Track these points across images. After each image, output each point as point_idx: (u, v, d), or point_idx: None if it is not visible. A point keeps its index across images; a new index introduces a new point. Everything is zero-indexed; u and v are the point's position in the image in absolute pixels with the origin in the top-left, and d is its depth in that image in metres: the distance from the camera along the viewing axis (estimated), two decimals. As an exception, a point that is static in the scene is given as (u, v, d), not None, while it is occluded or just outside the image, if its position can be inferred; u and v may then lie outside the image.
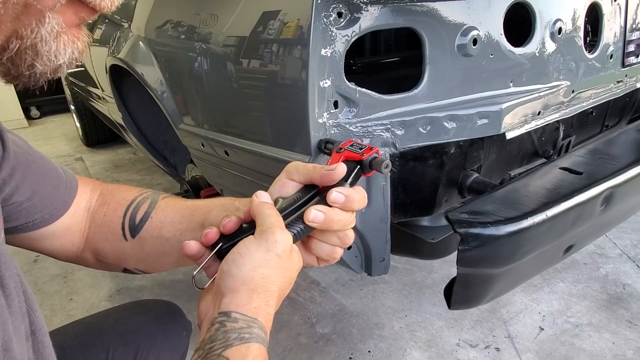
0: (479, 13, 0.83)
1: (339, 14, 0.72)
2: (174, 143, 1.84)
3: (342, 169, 0.53)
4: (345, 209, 0.52)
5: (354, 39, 0.74)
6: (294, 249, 0.51)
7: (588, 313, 1.56)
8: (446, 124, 0.84)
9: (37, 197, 0.59)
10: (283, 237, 0.48)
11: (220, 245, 0.51)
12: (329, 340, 1.50)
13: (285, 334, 1.53)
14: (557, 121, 1.08)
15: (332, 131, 0.77)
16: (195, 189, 1.66)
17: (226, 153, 1.01)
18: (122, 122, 1.90)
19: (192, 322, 0.85)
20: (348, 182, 0.54)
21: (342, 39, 0.73)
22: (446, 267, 1.83)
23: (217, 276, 0.48)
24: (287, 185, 0.56)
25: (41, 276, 1.96)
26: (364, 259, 0.94)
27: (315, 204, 0.52)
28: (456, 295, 0.83)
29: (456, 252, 0.76)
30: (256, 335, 0.45)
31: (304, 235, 0.52)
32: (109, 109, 2.07)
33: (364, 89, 0.78)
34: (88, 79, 2.25)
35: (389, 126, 0.81)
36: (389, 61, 1.59)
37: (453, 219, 0.75)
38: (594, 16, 1.08)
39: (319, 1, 0.69)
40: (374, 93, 0.79)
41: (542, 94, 0.96)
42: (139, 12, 1.35)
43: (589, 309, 1.58)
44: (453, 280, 0.82)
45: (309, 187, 0.55)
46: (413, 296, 1.69)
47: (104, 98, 2.07)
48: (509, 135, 0.92)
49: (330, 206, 0.52)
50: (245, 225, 0.52)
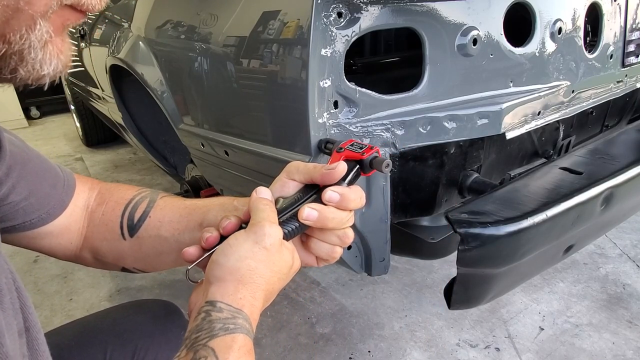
0: (479, 13, 0.83)
1: (339, 14, 0.72)
2: (174, 143, 1.84)
3: (342, 167, 0.53)
4: (340, 208, 0.52)
5: (354, 39, 0.74)
6: (286, 245, 0.51)
7: (588, 313, 1.56)
8: (446, 124, 0.84)
9: (34, 197, 0.59)
10: (272, 231, 0.49)
11: (218, 246, 0.51)
12: (329, 340, 1.50)
13: (285, 334, 1.53)
14: (557, 121, 1.08)
15: (332, 131, 0.77)
16: (195, 189, 1.66)
17: (226, 153, 1.01)
18: (122, 122, 1.90)
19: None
20: (346, 181, 0.54)
21: (342, 39, 0.73)
22: (446, 267, 1.83)
23: (207, 266, 0.49)
24: (287, 185, 0.56)
25: (41, 276, 1.96)
26: (364, 259, 0.94)
27: (311, 202, 0.52)
28: (456, 295, 0.83)
29: (456, 252, 0.76)
30: (241, 326, 0.45)
31: (298, 233, 0.53)
32: (109, 109, 2.07)
33: (364, 89, 0.78)
34: (88, 79, 2.25)
35: (389, 126, 0.81)
36: (389, 61, 1.59)
37: (453, 219, 0.75)
38: (594, 16, 1.08)
39: (319, 1, 0.69)
40: (374, 93, 0.79)
41: (542, 94, 0.96)
42: (139, 12, 1.35)
43: (589, 309, 1.58)
44: (453, 280, 0.82)
45: (309, 187, 0.55)
46: (413, 296, 1.69)
47: (104, 98, 2.07)
48: (509, 135, 0.92)
49: (325, 204, 0.52)
50: (244, 225, 0.52)
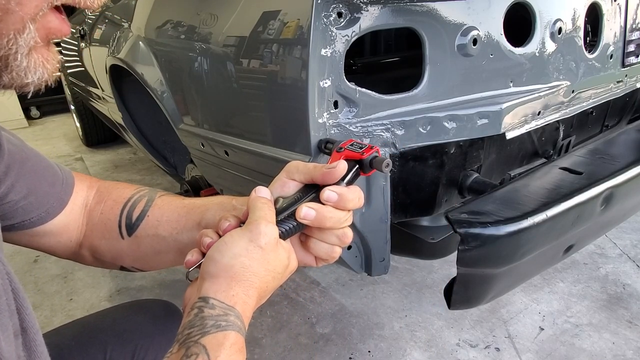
0: (479, 13, 0.83)
1: (339, 14, 0.72)
2: (174, 143, 1.84)
3: (343, 166, 0.53)
4: (338, 208, 0.52)
5: (354, 39, 0.74)
6: (283, 245, 0.51)
7: (588, 313, 1.56)
8: (446, 124, 0.84)
9: (33, 196, 0.59)
10: (267, 230, 0.49)
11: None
12: (329, 340, 1.50)
13: (285, 334, 1.53)
14: (557, 121, 1.08)
15: (332, 131, 0.77)
16: (195, 189, 1.66)
17: (226, 153, 1.01)
18: (122, 122, 1.90)
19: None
20: (345, 181, 0.54)
21: (342, 39, 0.73)
22: (446, 267, 1.83)
23: (202, 262, 0.50)
24: (287, 184, 0.55)
25: (41, 276, 1.96)
26: (364, 259, 0.94)
27: (309, 202, 0.52)
28: (456, 295, 0.83)
29: (456, 252, 0.76)
30: (232, 323, 0.45)
31: (295, 232, 0.53)
32: (109, 109, 2.07)
33: (364, 89, 0.78)
34: (88, 79, 2.25)
35: (389, 126, 0.81)
36: (389, 61, 1.59)
37: (453, 219, 0.75)
38: (594, 16, 1.08)
39: (319, 1, 0.69)
40: (374, 93, 0.79)
41: (542, 94, 0.96)
42: (139, 12, 1.35)
43: (589, 309, 1.58)
44: (453, 280, 0.82)
45: (309, 187, 0.55)
46: (413, 296, 1.69)
47: (104, 98, 2.07)
48: (509, 135, 0.92)
49: (323, 204, 0.52)
50: (243, 224, 0.52)
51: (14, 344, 0.40)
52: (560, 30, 0.96)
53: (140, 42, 1.29)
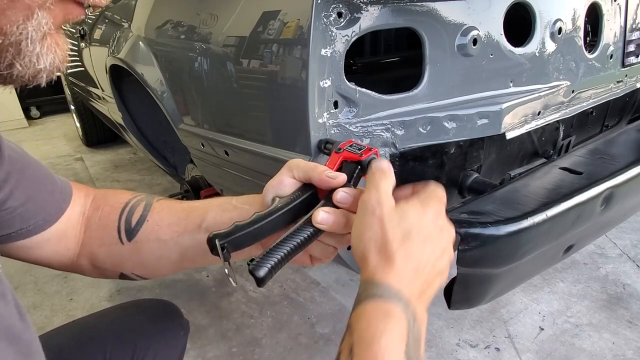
0: (479, 13, 0.83)
1: (339, 14, 0.72)
2: (174, 143, 1.84)
3: (342, 179, 0.52)
4: (351, 210, 0.51)
5: (354, 39, 0.74)
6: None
7: (588, 313, 1.56)
8: (446, 124, 0.84)
9: (31, 203, 0.58)
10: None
11: (214, 244, 0.49)
12: (329, 340, 1.50)
13: (285, 334, 1.53)
14: (557, 121, 1.08)
15: (332, 131, 0.77)
16: (195, 189, 1.66)
17: (226, 153, 1.01)
18: (122, 122, 1.90)
19: (189, 322, 0.85)
20: (351, 182, 0.54)
21: (342, 39, 0.73)
22: (446, 267, 1.83)
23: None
24: (283, 183, 0.55)
25: (41, 276, 1.96)
26: (364, 259, 0.93)
27: (322, 205, 0.51)
28: (456, 295, 0.83)
29: (456, 252, 0.76)
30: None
31: (314, 239, 0.51)
32: (109, 109, 2.07)
33: (364, 89, 0.78)
34: (88, 79, 2.25)
35: (389, 126, 0.81)
36: (389, 61, 1.59)
37: (453, 219, 0.75)
38: (594, 16, 1.08)
39: (319, 1, 0.69)
40: (374, 93, 0.79)
41: (542, 94, 0.96)
42: (139, 12, 1.35)
43: (589, 309, 1.58)
44: (453, 280, 0.82)
45: (306, 187, 0.55)
46: (413, 296, 1.69)
47: (104, 98, 2.07)
48: (509, 135, 0.92)
49: (337, 207, 0.51)
50: (239, 223, 0.51)
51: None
52: (560, 30, 0.96)
53: (140, 42, 1.29)
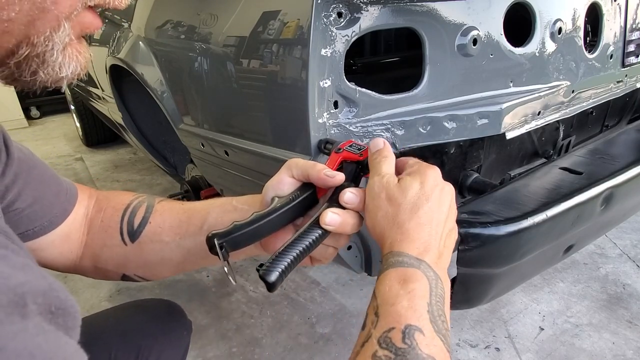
0: (479, 13, 0.83)
1: (339, 14, 0.72)
2: (174, 143, 1.84)
3: (340, 177, 0.53)
4: (357, 210, 0.52)
5: (354, 39, 0.74)
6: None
7: (588, 313, 1.56)
8: (446, 124, 0.84)
9: (38, 204, 0.59)
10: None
11: (213, 243, 0.49)
12: (329, 340, 1.50)
13: (285, 334, 1.53)
14: (557, 121, 1.08)
15: (332, 131, 0.77)
16: (195, 189, 1.66)
17: (226, 153, 1.01)
18: (122, 122, 1.90)
19: (192, 322, 0.85)
20: (353, 182, 0.54)
21: (342, 39, 0.73)
22: (446, 267, 1.83)
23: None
24: (283, 182, 0.55)
25: (41, 276, 1.96)
26: (364, 259, 0.94)
27: (328, 207, 0.51)
28: (456, 295, 0.83)
29: (456, 252, 0.76)
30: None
31: (321, 241, 0.51)
32: (109, 109, 2.07)
33: (364, 89, 0.78)
34: (88, 79, 2.25)
35: (389, 126, 0.81)
36: (389, 61, 1.59)
37: (453, 219, 0.75)
38: (594, 16, 1.08)
39: (319, 1, 0.69)
40: (374, 93, 0.79)
41: (542, 94, 0.96)
42: (139, 12, 1.35)
43: (589, 309, 1.58)
44: (453, 280, 0.82)
45: (305, 186, 0.55)
46: (413, 296, 1.69)
47: (104, 98, 2.07)
48: (509, 135, 0.92)
49: (343, 208, 0.51)
50: (237, 223, 0.51)
51: None
52: (560, 30, 0.96)
53: (140, 42, 1.29)
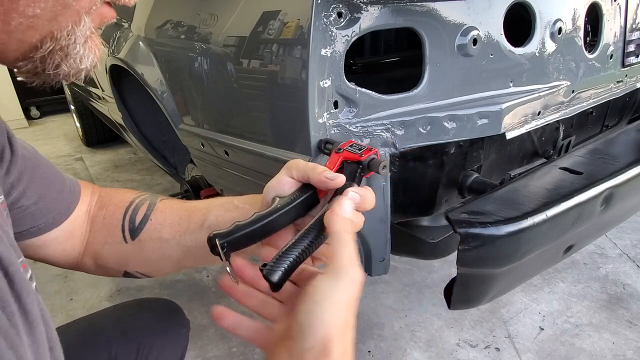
0: (479, 13, 0.83)
1: (339, 14, 0.72)
2: (174, 143, 1.84)
3: (341, 180, 0.52)
4: (359, 209, 0.51)
5: (354, 39, 0.74)
6: None
7: (588, 313, 1.56)
8: (446, 124, 0.84)
9: (42, 202, 0.59)
10: (359, 277, 0.41)
11: (214, 243, 0.47)
12: (329, 340, 1.50)
13: (285, 334, 1.53)
14: (557, 121, 1.08)
15: (332, 131, 0.77)
16: (195, 189, 1.66)
17: (226, 153, 1.01)
18: (122, 122, 1.90)
19: (192, 322, 0.85)
20: (355, 182, 0.54)
21: (342, 39, 0.73)
22: (446, 267, 1.83)
23: (294, 330, 0.41)
24: (283, 183, 0.54)
25: (41, 276, 1.96)
26: (364, 259, 0.94)
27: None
28: (456, 295, 0.83)
29: (456, 252, 0.76)
30: None
31: (324, 240, 0.49)
32: (109, 109, 2.07)
33: (364, 89, 0.78)
34: (88, 79, 2.25)
35: (389, 126, 0.81)
36: (389, 61, 1.59)
37: (453, 219, 0.75)
38: (594, 16, 1.08)
39: (319, 1, 0.69)
40: (374, 93, 0.79)
41: (542, 94, 0.96)
42: (139, 12, 1.35)
43: (589, 309, 1.58)
44: (453, 280, 0.82)
45: (305, 187, 0.55)
46: (413, 296, 1.69)
47: (104, 98, 2.07)
48: (509, 135, 0.92)
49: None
50: (239, 223, 0.51)
51: None
52: (560, 30, 0.96)
53: (140, 42, 1.29)
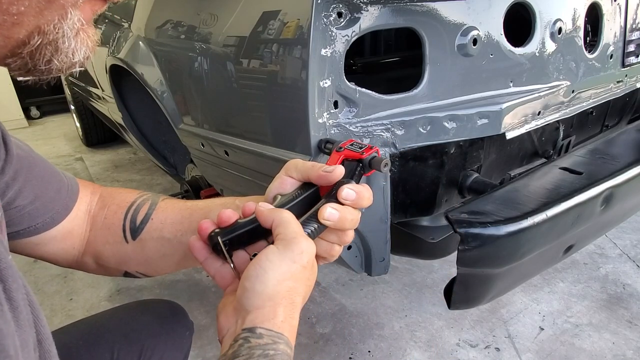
0: (479, 13, 0.84)
1: (339, 14, 0.72)
2: (174, 143, 1.84)
3: (339, 171, 0.52)
4: (355, 206, 0.52)
5: (354, 39, 0.74)
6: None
7: (588, 313, 1.56)
8: (446, 124, 0.84)
9: (39, 201, 0.59)
10: (308, 247, 0.46)
11: (216, 241, 0.50)
12: (329, 340, 1.50)
13: (285, 334, 1.53)
14: (557, 121, 1.08)
15: (332, 131, 0.77)
16: (195, 189, 1.66)
17: (226, 153, 1.01)
18: (122, 122, 1.90)
19: (194, 322, 0.85)
20: (353, 179, 0.54)
21: (342, 39, 0.73)
22: (446, 267, 1.83)
23: (239, 293, 0.46)
24: (285, 182, 0.55)
25: (41, 276, 1.96)
26: (364, 259, 0.94)
27: (326, 202, 0.51)
28: (456, 295, 0.83)
29: (456, 252, 0.76)
30: (282, 351, 0.43)
31: (317, 236, 0.51)
32: (109, 109, 2.07)
33: (364, 89, 0.78)
34: (88, 79, 2.25)
35: (389, 126, 0.81)
36: (389, 61, 1.59)
37: (453, 219, 0.75)
38: (594, 16, 1.08)
39: (319, 1, 0.69)
40: (374, 93, 0.79)
41: (542, 94, 0.96)
42: (139, 12, 1.35)
43: (589, 309, 1.58)
44: (453, 280, 0.82)
45: (307, 185, 0.55)
46: (413, 296, 1.69)
47: (104, 98, 2.07)
48: (509, 135, 0.92)
49: (342, 204, 0.51)
50: (241, 221, 0.52)
51: (33, 358, 0.40)
52: (560, 30, 0.96)
53: (140, 42, 1.29)
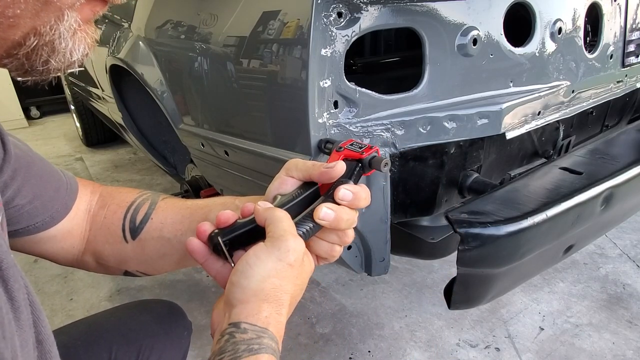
0: (479, 13, 0.84)
1: (339, 14, 0.72)
2: (174, 143, 1.84)
3: (341, 166, 0.53)
4: (352, 207, 0.52)
5: (354, 39, 0.74)
6: (306, 253, 0.49)
7: (588, 313, 1.56)
8: (446, 124, 0.84)
9: (38, 200, 0.59)
10: (296, 245, 0.46)
11: (217, 241, 0.50)
12: (329, 340, 1.50)
13: (285, 334, 1.53)
14: (557, 121, 1.08)
15: (332, 131, 0.77)
16: (195, 189, 1.66)
17: (226, 153, 1.01)
18: (122, 122, 1.90)
19: (192, 322, 0.85)
20: (352, 179, 0.54)
21: (342, 39, 0.73)
22: (446, 267, 1.83)
23: (227, 287, 0.46)
24: (286, 182, 0.55)
25: (41, 276, 1.96)
26: (364, 259, 0.94)
27: (322, 202, 0.51)
28: (456, 295, 0.83)
29: (456, 252, 0.76)
30: (266, 345, 0.43)
31: (311, 235, 0.51)
32: (109, 109, 2.07)
33: (364, 89, 0.78)
34: (88, 79, 2.25)
35: (389, 126, 0.81)
36: (389, 61, 1.59)
37: (453, 219, 0.75)
38: (594, 16, 1.08)
39: (319, 1, 0.69)
40: (374, 93, 0.79)
41: (542, 94, 0.96)
42: (139, 12, 1.35)
43: (589, 309, 1.58)
44: (453, 280, 0.82)
45: (307, 184, 0.55)
46: (413, 296, 1.69)
47: (104, 98, 2.07)
48: (509, 135, 0.92)
49: (338, 204, 0.51)
50: (240, 221, 0.52)
51: (33, 358, 0.40)
52: (560, 30, 0.96)
53: (140, 42, 1.29)
